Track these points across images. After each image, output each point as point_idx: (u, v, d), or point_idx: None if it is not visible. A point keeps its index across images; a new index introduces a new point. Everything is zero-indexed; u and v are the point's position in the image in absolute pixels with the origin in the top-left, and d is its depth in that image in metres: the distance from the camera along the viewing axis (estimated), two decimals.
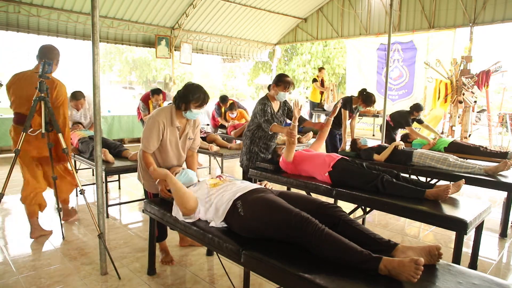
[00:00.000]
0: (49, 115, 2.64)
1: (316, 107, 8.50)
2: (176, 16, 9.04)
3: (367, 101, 4.36)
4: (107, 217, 3.56)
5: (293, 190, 2.77)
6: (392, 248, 1.57)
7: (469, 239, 2.79)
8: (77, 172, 3.32)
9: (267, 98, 3.34)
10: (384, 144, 4.20)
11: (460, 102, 6.75)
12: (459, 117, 6.93)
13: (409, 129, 5.03)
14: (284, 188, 3.28)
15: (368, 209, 3.16)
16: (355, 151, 4.08)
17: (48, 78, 2.66)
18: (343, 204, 3.45)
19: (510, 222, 3.30)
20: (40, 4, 7.09)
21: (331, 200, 2.65)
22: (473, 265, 2.40)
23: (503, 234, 3.26)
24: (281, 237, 1.71)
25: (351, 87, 9.89)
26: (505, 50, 20.73)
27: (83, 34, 8.02)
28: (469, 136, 6.90)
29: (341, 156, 2.90)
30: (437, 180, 3.56)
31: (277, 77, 3.30)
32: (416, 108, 4.99)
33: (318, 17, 10.60)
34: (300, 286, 1.46)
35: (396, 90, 9.12)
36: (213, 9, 9.19)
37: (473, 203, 2.40)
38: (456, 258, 2.08)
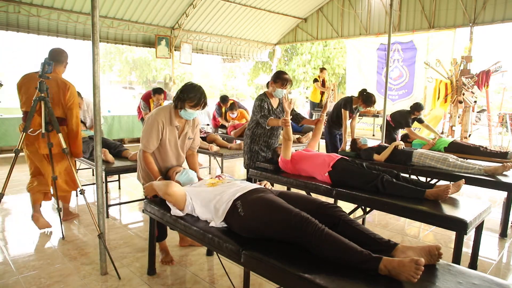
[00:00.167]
0: (49, 115, 2.65)
1: (316, 107, 8.50)
2: (176, 16, 9.04)
3: (367, 102, 4.37)
4: (107, 217, 3.57)
5: (293, 190, 2.77)
6: (392, 248, 1.57)
7: (469, 239, 2.79)
8: (77, 172, 3.32)
9: (265, 95, 3.37)
10: (384, 144, 4.20)
11: (460, 102, 6.75)
12: (459, 117, 6.92)
13: (408, 130, 5.03)
14: (284, 188, 3.28)
15: (368, 209, 3.16)
16: (355, 151, 4.08)
17: (48, 78, 2.67)
18: (343, 204, 3.45)
19: (510, 222, 3.30)
20: (40, 4, 7.10)
21: (331, 200, 2.65)
22: (473, 265, 2.40)
23: (503, 234, 3.26)
24: (281, 237, 1.71)
25: (351, 87, 9.88)
26: (505, 50, 20.77)
27: (83, 34, 8.02)
28: (469, 136, 6.90)
29: (341, 156, 2.90)
30: (437, 180, 3.56)
31: (275, 74, 3.31)
32: (417, 108, 4.99)
33: (318, 17, 10.60)
34: (300, 286, 1.46)
35: (396, 90, 9.12)
36: (213, 9, 9.20)
37: (473, 203, 2.40)
38: (456, 258, 2.07)
